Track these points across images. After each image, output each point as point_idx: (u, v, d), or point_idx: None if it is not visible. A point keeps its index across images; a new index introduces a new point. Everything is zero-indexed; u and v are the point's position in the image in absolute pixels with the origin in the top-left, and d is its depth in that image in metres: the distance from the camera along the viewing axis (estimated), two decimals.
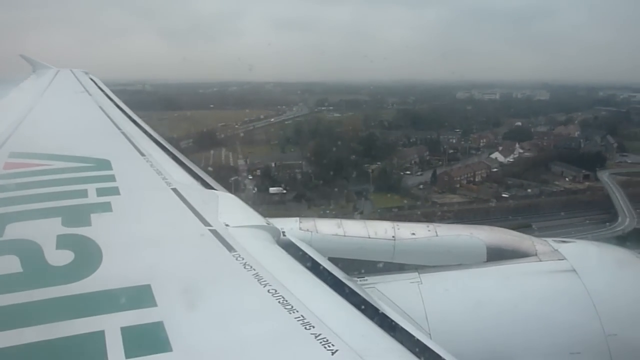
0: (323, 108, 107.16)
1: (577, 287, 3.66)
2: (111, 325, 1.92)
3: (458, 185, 74.59)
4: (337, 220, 4.22)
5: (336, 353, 1.79)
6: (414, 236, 4.06)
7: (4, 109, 8.32)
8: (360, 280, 3.66)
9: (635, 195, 68.28)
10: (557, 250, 4.00)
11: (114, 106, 8.45)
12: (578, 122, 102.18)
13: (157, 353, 1.79)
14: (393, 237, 4.03)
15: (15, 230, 2.91)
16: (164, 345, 1.83)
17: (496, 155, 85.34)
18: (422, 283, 3.71)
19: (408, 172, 79.01)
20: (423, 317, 3.44)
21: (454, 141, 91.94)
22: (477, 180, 77.05)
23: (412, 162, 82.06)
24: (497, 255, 4.01)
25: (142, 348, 1.83)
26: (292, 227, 3.92)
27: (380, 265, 3.94)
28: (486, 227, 4.32)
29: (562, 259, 3.89)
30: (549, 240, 4.19)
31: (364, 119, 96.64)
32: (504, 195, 71.60)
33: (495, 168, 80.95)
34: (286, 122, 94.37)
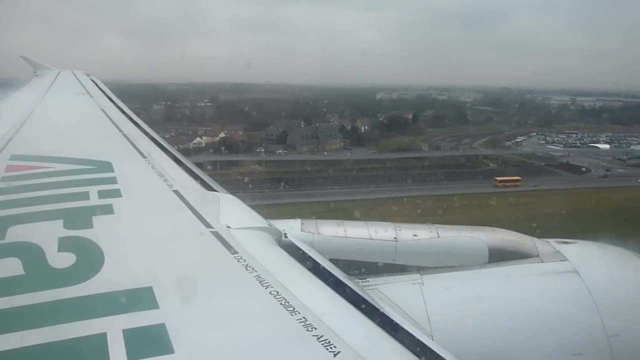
0: (202, 104, 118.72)
1: (579, 288, 3.65)
2: (113, 328, 1.92)
3: None
4: (339, 222, 4.22)
5: (338, 355, 1.79)
6: (415, 237, 4.06)
7: (5, 111, 8.33)
8: (362, 282, 3.66)
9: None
10: (559, 251, 3.99)
11: (115, 108, 8.46)
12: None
13: (159, 355, 1.79)
14: (395, 238, 4.03)
15: (17, 233, 2.91)
16: (166, 348, 1.83)
17: (198, 139, 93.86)
18: (423, 284, 3.70)
19: None
20: (425, 319, 3.43)
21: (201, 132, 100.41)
22: None
23: None
24: (499, 256, 4.00)
25: (144, 350, 1.83)
26: (293, 228, 3.92)
27: (382, 266, 3.93)
28: (488, 228, 4.32)
29: (564, 260, 3.88)
30: (551, 241, 4.19)
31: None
32: None
33: None
34: None
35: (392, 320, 2.33)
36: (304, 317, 2.02)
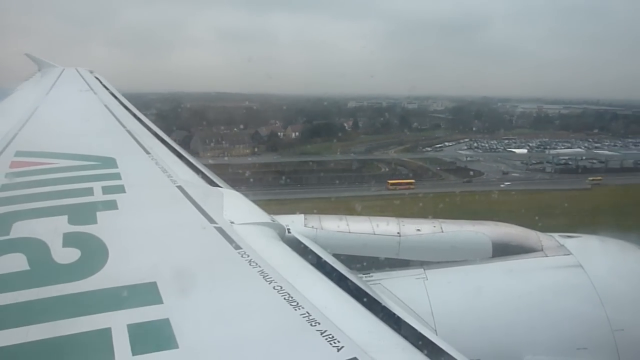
0: (154, 111, 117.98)
1: (583, 282, 3.64)
2: (118, 323, 1.93)
3: None
4: (342, 217, 4.22)
5: (342, 349, 1.79)
6: (419, 232, 4.05)
7: (10, 108, 8.36)
8: (366, 277, 3.67)
9: None
10: (562, 245, 3.98)
11: (119, 104, 8.48)
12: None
13: (163, 350, 1.80)
14: (398, 233, 4.03)
15: (22, 229, 2.92)
16: (170, 342, 1.83)
17: None
18: (427, 279, 3.70)
19: None
20: (429, 313, 3.44)
21: None
22: None
23: None
24: (502, 250, 4.00)
25: (149, 345, 1.84)
26: (297, 223, 3.93)
27: (385, 261, 3.93)
28: (491, 223, 4.31)
29: (568, 254, 3.87)
30: (555, 235, 4.17)
31: None
32: None
33: None
34: None
35: (396, 315, 2.34)
36: (307, 312, 2.02)
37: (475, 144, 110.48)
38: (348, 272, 2.92)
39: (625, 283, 3.78)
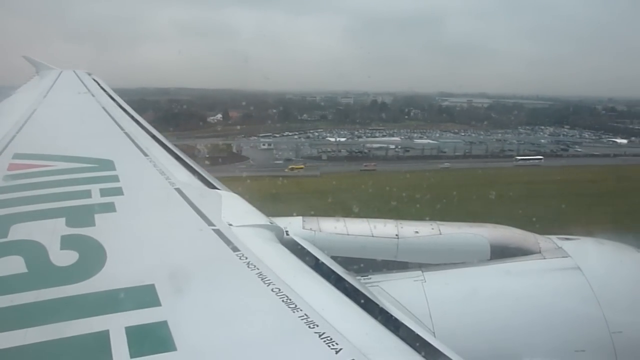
0: None
1: (581, 284, 3.65)
2: (116, 325, 1.93)
3: None
4: (341, 219, 4.22)
5: (340, 352, 1.79)
6: (417, 235, 4.06)
7: (7, 110, 8.35)
8: (364, 279, 3.67)
9: None
10: (561, 247, 3.99)
11: (117, 106, 8.47)
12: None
13: (161, 352, 1.80)
14: (396, 235, 4.03)
15: (20, 231, 2.92)
16: (168, 345, 1.83)
17: None
18: (425, 281, 3.70)
19: None
20: (427, 315, 3.44)
21: None
22: None
23: None
24: (501, 253, 4.00)
25: (147, 347, 1.84)
26: (295, 226, 3.93)
27: (384, 263, 3.94)
28: (489, 225, 4.31)
29: (566, 257, 3.88)
30: (553, 237, 4.18)
31: None
32: None
33: None
34: None
35: (394, 317, 2.34)
36: (305, 314, 2.03)
37: (316, 134, 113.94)
38: (346, 274, 2.92)
39: (623, 285, 3.79)
